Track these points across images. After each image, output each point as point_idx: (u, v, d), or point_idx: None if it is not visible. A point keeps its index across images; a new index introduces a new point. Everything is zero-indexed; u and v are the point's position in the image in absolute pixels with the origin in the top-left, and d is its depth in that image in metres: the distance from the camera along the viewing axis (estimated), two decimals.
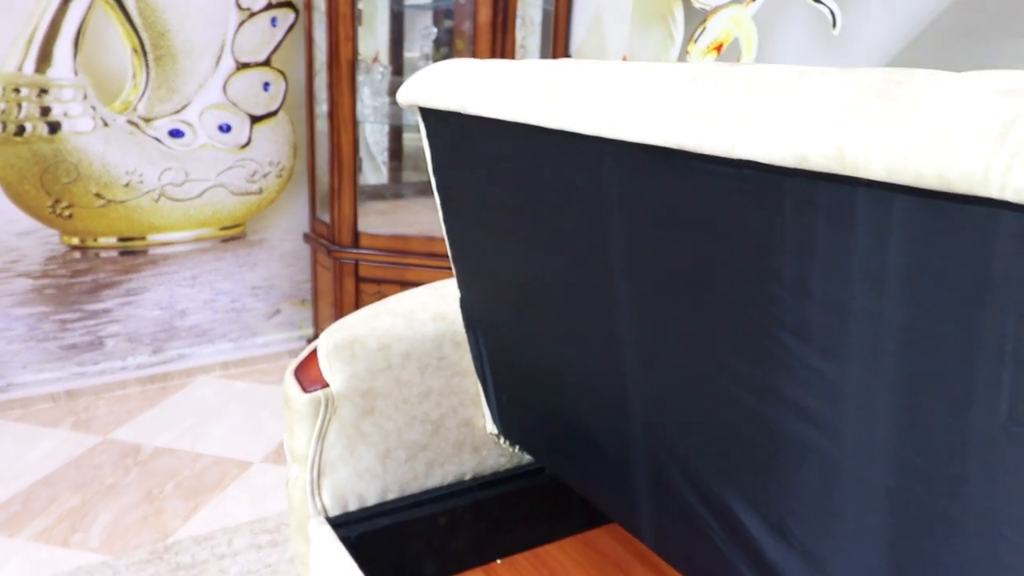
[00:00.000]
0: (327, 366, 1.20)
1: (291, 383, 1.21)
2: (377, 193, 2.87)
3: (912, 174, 0.50)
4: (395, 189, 2.94)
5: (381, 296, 2.22)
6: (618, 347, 0.91)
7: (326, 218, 2.27)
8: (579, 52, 2.06)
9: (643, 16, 1.85)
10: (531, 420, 1.22)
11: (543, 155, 0.89)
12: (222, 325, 2.38)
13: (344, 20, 2.03)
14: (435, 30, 2.21)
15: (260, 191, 2.36)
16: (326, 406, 1.19)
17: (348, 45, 2.05)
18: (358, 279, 2.20)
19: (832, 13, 1.41)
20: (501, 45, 1.97)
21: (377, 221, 2.24)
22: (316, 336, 2.50)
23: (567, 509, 1.40)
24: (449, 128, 1.06)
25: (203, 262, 2.31)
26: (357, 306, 2.24)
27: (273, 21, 2.26)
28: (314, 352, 1.23)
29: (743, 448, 0.77)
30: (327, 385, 1.20)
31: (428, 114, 1.10)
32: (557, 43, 2.09)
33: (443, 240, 2.14)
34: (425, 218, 2.49)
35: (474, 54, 1.97)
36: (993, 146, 0.45)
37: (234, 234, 2.35)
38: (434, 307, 1.28)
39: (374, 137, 2.94)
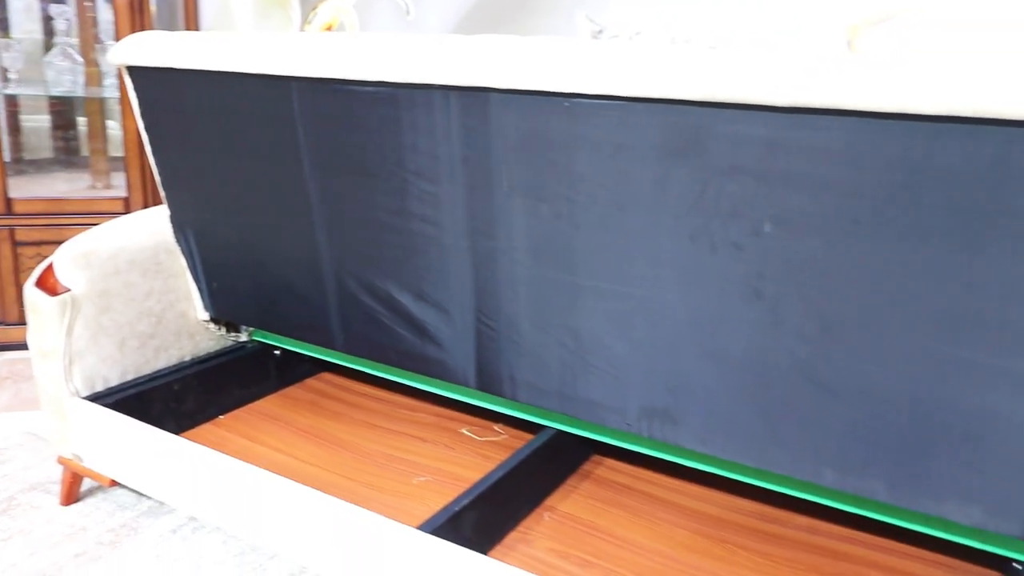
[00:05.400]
0: (68, 274, 1.51)
1: (36, 293, 1.50)
2: None
3: (456, 80, 1.11)
4: (16, 167, 2.97)
5: (41, 258, 2.37)
6: (310, 217, 1.42)
7: None
8: None
9: (264, 3, 2.32)
10: (241, 296, 1.66)
11: (245, 94, 1.36)
12: None
13: None
14: (68, 10, 2.40)
15: None
16: (72, 306, 1.50)
17: None
18: (15, 244, 2.33)
19: (407, 6, 2.05)
20: (140, 25, 2.27)
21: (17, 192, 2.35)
22: None
23: (267, 374, 1.87)
24: (158, 81, 1.46)
25: None
26: (17, 271, 2.36)
27: None
28: (50, 266, 1.52)
29: (395, 252, 1.35)
30: (69, 289, 1.51)
31: (136, 71, 1.48)
32: (189, 26, 2.45)
33: (101, 199, 2.38)
34: (61, 188, 2.64)
35: (117, 34, 2.25)
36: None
37: None
38: (149, 225, 1.65)
39: None
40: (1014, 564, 1.14)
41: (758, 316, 1.05)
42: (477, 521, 1.28)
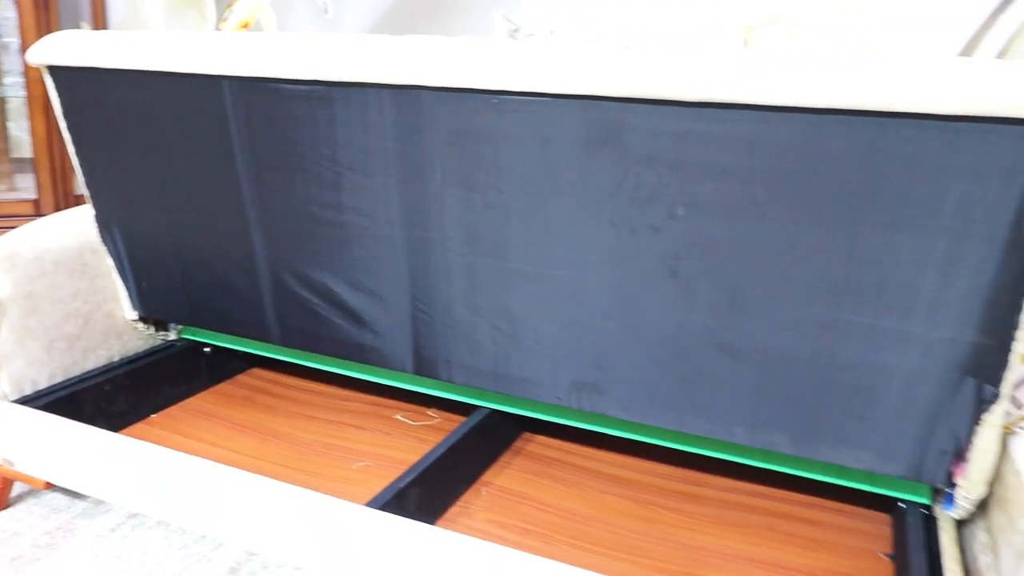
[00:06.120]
0: None
1: None
2: None
3: (390, 79, 1.18)
4: None
5: None
6: (243, 212, 1.46)
7: None
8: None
9: (177, 2, 2.30)
10: (172, 294, 1.67)
11: (176, 93, 1.38)
12: None
13: None
14: None
15: None
16: None
17: None
18: None
19: (325, 4, 2.09)
20: (46, 22, 2.22)
21: None
22: None
23: (198, 371, 1.88)
24: (82, 81, 1.46)
25: None
26: None
27: None
28: None
29: (331, 245, 1.40)
30: None
31: (58, 71, 1.47)
32: (97, 24, 2.40)
33: (8, 202, 2.32)
34: None
35: (22, 31, 2.19)
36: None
37: None
38: (73, 226, 1.64)
39: None
40: (900, 504, 1.29)
41: (674, 292, 1.16)
42: (420, 497, 1.35)
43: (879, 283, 1.02)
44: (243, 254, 1.50)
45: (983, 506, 1.16)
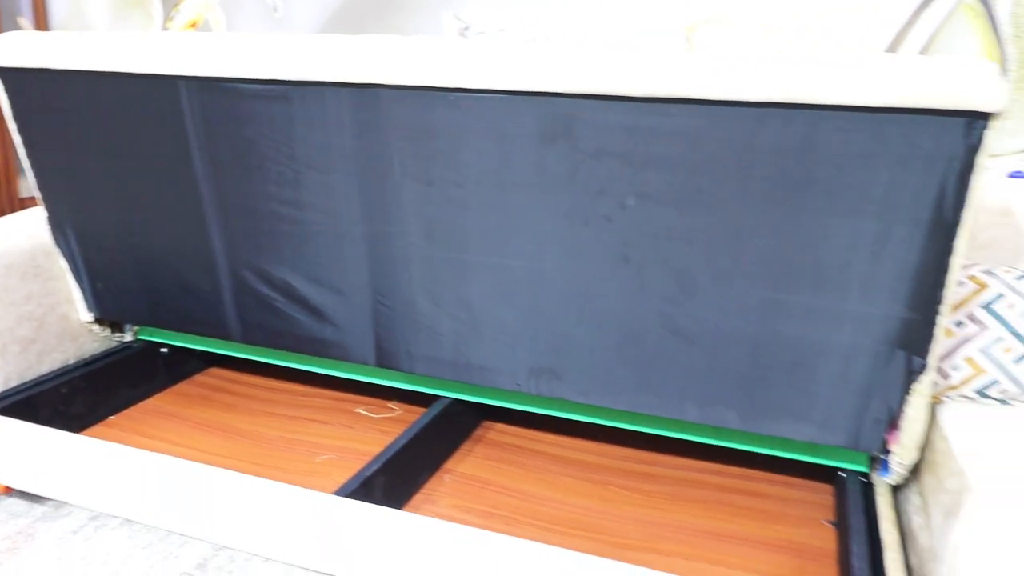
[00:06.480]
0: None
1: None
2: None
3: (348, 78, 1.21)
4: None
5: None
6: (202, 211, 1.47)
7: None
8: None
9: (122, 2, 2.28)
10: (129, 295, 1.67)
11: (131, 93, 1.38)
12: None
13: None
14: None
15: None
16: None
17: None
18: None
19: (275, 3, 2.10)
20: None
21: None
22: None
23: (156, 372, 1.87)
24: (34, 83, 1.45)
25: None
26: None
27: None
28: None
29: (291, 241, 1.42)
30: None
31: (7, 72, 1.46)
32: (39, 24, 2.36)
33: None
34: None
35: None
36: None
37: None
38: (25, 228, 1.63)
39: None
40: (840, 473, 1.37)
41: (627, 279, 1.22)
42: (385, 486, 1.38)
43: (816, 265, 1.10)
44: (202, 253, 1.51)
45: (916, 471, 1.25)
